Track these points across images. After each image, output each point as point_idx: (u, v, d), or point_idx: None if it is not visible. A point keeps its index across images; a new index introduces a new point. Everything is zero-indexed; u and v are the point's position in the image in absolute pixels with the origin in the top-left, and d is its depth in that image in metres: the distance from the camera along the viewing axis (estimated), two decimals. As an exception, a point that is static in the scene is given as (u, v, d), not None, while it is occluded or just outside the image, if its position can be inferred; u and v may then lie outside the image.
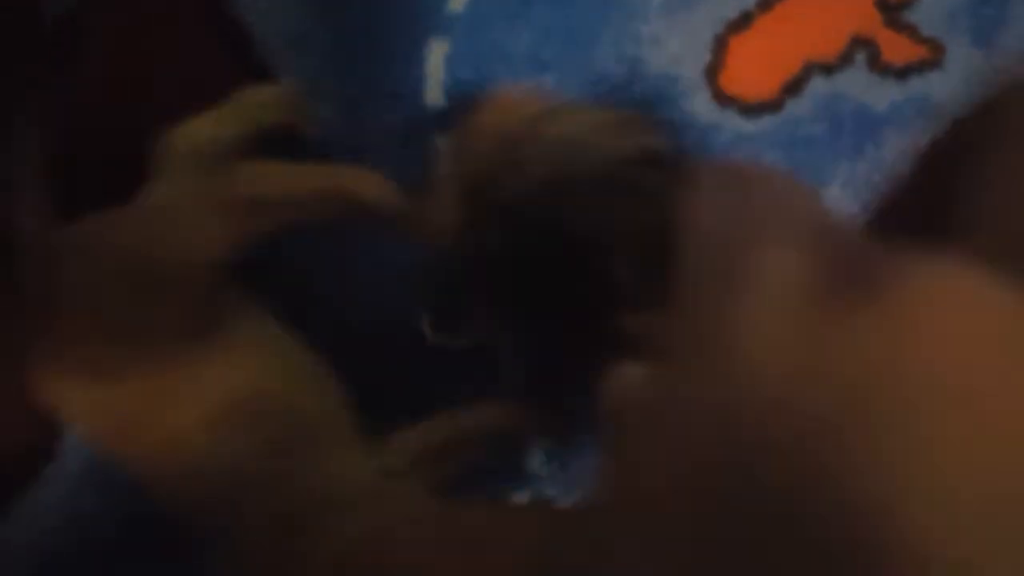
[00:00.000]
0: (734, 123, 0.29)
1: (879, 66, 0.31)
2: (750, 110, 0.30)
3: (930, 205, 0.15)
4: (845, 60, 0.31)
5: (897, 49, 0.31)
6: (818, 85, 0.30)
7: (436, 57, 0.27)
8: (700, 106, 0.29)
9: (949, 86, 0.31)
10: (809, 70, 0.30)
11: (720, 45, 0.29)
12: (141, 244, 0.22)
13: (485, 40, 0.27)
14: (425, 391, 0.26)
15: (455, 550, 0.21)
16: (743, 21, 0.30)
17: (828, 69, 0.30)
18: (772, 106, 0.30)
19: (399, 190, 0.22)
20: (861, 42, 0.31)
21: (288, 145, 0.24)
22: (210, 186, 0.22)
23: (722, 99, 0.29)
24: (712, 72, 0.29)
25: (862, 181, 0.30)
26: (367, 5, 0.27)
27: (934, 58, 0.31)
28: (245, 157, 0.22)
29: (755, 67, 0.30)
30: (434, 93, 0.27)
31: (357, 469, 0.22)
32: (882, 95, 0.31)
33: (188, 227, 0.21)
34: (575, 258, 0.19)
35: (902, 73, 0.31)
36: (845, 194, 0.30)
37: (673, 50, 0.29)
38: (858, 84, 0.31)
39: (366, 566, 0.21)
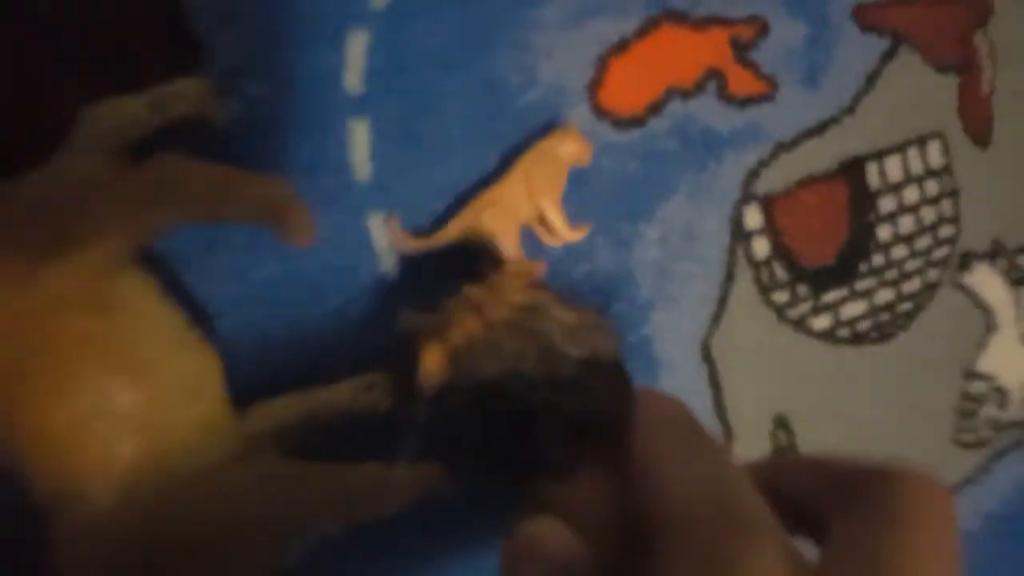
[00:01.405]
0: (605, 133, 0.35)
1: (726, 95, 0.37)
2: (620, 123, 0.35)
3: None
4: (699, 88, 0.36)
5: (742, 82, 0.37)
6: (676, 107, 0.36)
7: (357, 46, 0.30)
8: (580, 115, 0.34)
9: (779, 117, 0.38)
10: (670, 94, 0.36)
11: (602, 64, 0.34)
12: (47, 211, 0.22)
13: (402, 36, 0.31)
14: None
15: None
16: (622, 45, 0.35)
17: (685, 94, 0.36)
18: (637, 122, 0.35)
19: (305, 206, 0.24)
20: (714, 74, 0.37)
21: (199, 135, 0.26)
22: (125, 170, 0.23)
23: (599, 112, 0.34)
24: (593, 87, 0.34)
25: (704, 192, 0.37)
26: (295, -9, 0.29)
27: (769, 92, 0.38)
28: (158, 145, 0.24)
29: (628, 87, 0.35)
30: (352, 79, 0.30)
31: (221, 431, 0.25)
32: (725, 120, 0.37)
33: (98, 206, 0.22)
34: (520, 427, 0.24)
35: (743, 103, 0.37)
36: (689, 202, 0.36)
37: (562, 63, 0.34)
38: (707, 109, 0.37)
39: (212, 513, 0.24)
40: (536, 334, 0.25)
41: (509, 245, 0.30)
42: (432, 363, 0.26)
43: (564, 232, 0.32)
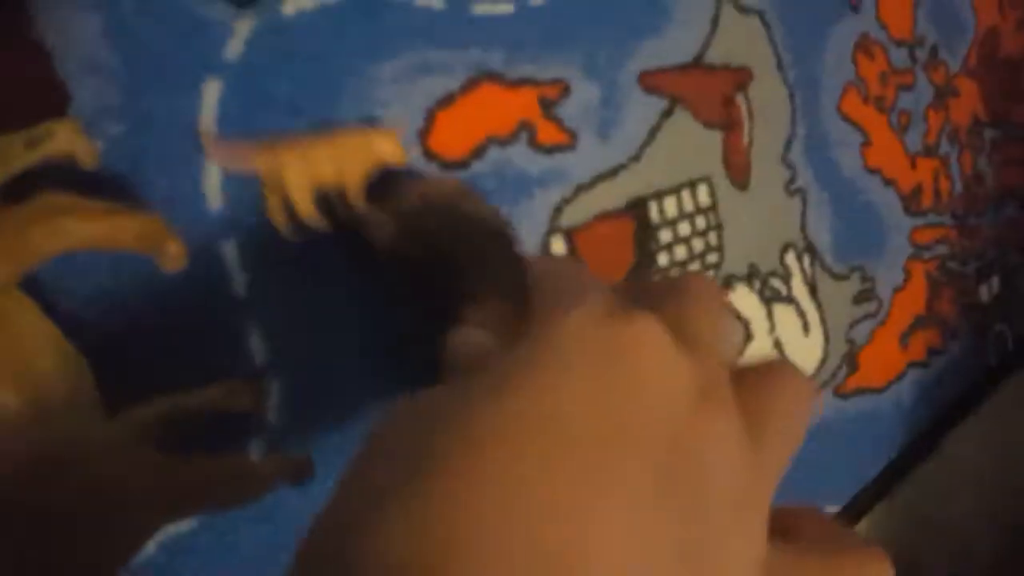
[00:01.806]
0: (434, 174, 0.40)
1: (535, 144, 0.44)
2: (447, 165, 0.41)
3: None
4: (514, 137, 0.43)
5: (548, 133, 0.45)
6: (494, 153, 0.42)
7: (211, 94, 0.34)
8: (413, 158, 0.40)
9: (579, 162, 0.46)
10: (489, 141, 0.42)
11: (430, 115, 0.40)
12: None
13: (253, 86, 0.35)
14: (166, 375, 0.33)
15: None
16: (448, 100, 0.41)
17: (502, 142, 0.43)
18: (462, 164, 0.41)
19: (177, 237, 0.28)
20: (526, 126, 0.44)
21: (68, 172, 0.29)
22: (8, 206, 0.26)
23: (429, 155, 0.40)
24: (423, 134, 0.40)
25: (519, 223, 0.43)
26: (152, 41, 0.32)
27: (571, 143, 0.46)
28: (31, 183, 0.26)
29: (453, 135, 0.41)
30: (206, 122, 0.34)
31: (96, 428, 0.28)
32: (535, 164, 0.44)
33: None
34: (448, 267, 0.31)
35: (549, 150, 0.45)
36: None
37: (397, 113, 0.39)
38: (521, 154, 0.44)
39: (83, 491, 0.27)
40: (460, 210, 0.33)
41: (301, 200, 0.34)
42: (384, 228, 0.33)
43: (360, 206, 0.35)
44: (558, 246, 0.45)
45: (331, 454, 0.36)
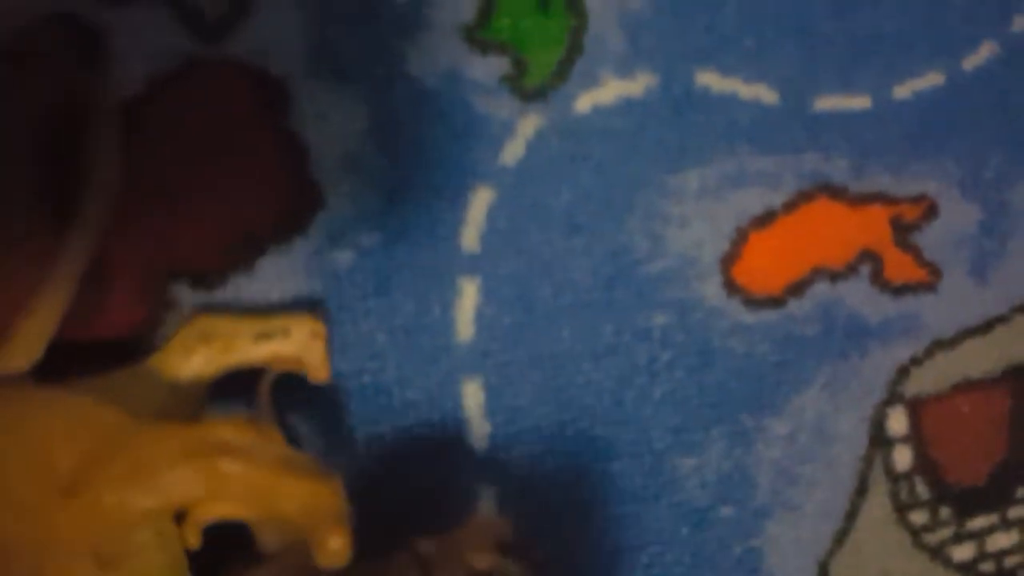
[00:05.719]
0: (736, 312, 0.31)
1: (880, 281, 0.33)
2: (753, 302, 0.31)
3: None
4: (851, 270, 0.33)
5: (899, 267, 0.33)
6: (821, 289, 0.32)
7: (480, 203, 0.28)
8: (710, 290, 0.31)
9: (939, 309, 0.34)
10: (816, 274, 0.32)
11: (741, 237, 0.31)
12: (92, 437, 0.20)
13: (528, 196, 0.29)
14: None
15: None
16: (767, 218, 0.31)
17: (833, 276, 0.32)
18: (775, 302, 0.32)
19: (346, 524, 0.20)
20: (869, 256, 0.33)
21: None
22: (188, 420, 0.21)
23: (731, 288, 0.31)
24: (728, 261, 0.31)
25: (844, 387, 0.32)
26: (423, 140, 0.28)
27: (930, 281, 0.33)
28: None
29: (767, 263, 0.32)
30: (470, 237, 0.28)
31: None
32: (877, 308, 0.33)
33: (141, 456, 0.20)
34: None
35: (899, 290, 0.33)
36: (825, 398, 0.32)
37: (696, 234, 0.31)
38: (857, 294, 0.33)
39: None
40: None
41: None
42: None
43: None
44: (898, 423, 0.33)
45: None
